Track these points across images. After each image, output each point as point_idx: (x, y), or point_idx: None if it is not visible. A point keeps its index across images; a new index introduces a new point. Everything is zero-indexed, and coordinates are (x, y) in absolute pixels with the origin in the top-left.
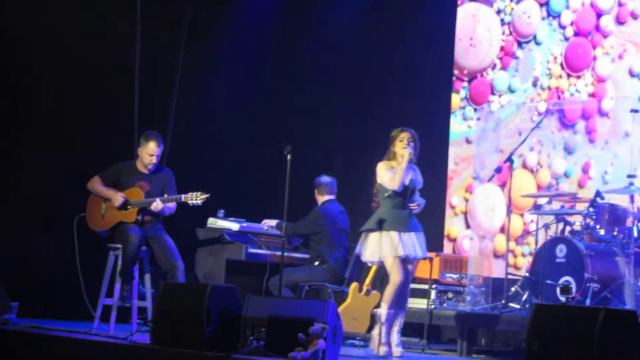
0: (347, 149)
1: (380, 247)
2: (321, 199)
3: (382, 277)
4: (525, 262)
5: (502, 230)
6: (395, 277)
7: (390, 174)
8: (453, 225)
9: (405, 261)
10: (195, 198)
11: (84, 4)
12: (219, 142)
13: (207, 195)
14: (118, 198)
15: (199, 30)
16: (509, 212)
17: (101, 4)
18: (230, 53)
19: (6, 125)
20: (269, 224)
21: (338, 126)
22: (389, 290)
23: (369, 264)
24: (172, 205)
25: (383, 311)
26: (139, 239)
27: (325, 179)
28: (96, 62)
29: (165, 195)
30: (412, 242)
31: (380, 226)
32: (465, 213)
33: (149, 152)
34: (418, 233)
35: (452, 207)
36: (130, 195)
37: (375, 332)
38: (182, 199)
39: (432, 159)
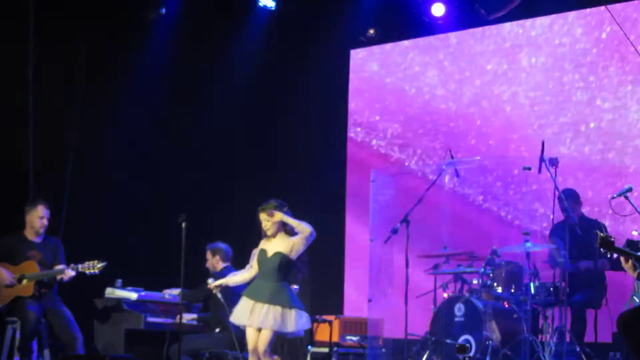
0: (242, 216)
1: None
2: (218, 265)
3: (282, 342)
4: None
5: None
6: None
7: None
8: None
9: None
10: (92, 267)
11: None
12: (114, 211)
13: (104, 264)
14: (6, 278)
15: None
16: (407, 272)
17: None
18: (126, 117)
19: None
20: (170, 292)
21: (235, 193)
22: None
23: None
24: (71, 273)
25: None
26: (36, 314)
27: (222, 245)
28: None
29: (62, 265)
30: None
31: None
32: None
33: (39, 214)
34: None
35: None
36: (24, 269)
37: None
38: (80, 269)
39: (329, 220)
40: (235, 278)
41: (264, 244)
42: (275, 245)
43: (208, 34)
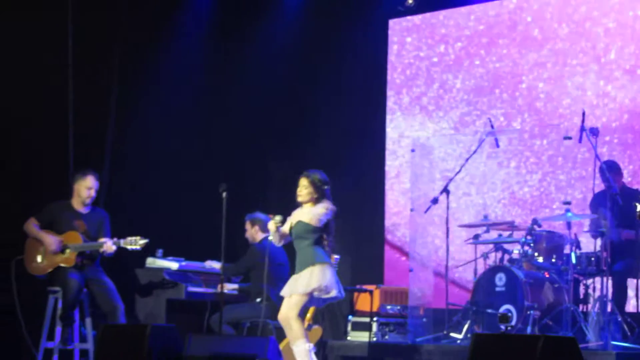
0: (282, 186)
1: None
2: (257, 235)
3: (322, 312)
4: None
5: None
6: None
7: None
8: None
9: None
10: (134, 243)
11: (15, 40)
12: (154, 181)
13: (146, 241)
14: (52, 243)
15: (132, 68)
16: (447, 242)
17: (31, 40)
18: (164, 90)
19: None
20: (212, 265)
21: (272, 163)
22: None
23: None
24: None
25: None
26: (79, 283)
27: (261, 215)
28: (29, 101)
29: (106, 238)
30: None
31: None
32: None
33: (87, 185)
34: None
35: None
36: (67, 239)
37: None
38: (122, 244)
39: (368, 190)
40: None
41: (295, 215)
42: (302, 214)
43: (245, 5)
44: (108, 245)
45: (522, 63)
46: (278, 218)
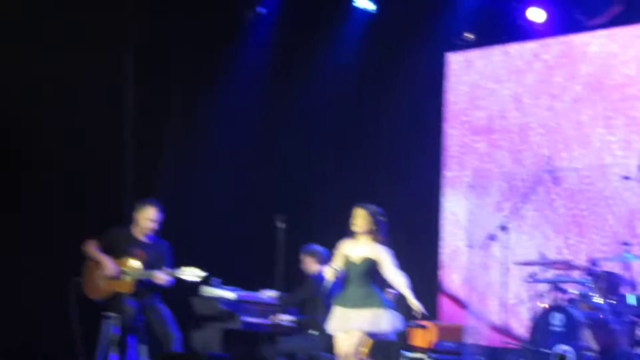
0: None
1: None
2: (313, 267)
3: (377, 347)
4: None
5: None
6: None
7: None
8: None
9: None
10: (192, 275)
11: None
12: (212, 211)
13: (204, 274)
14: (111, 268)
15: (190, 95)
16: (503, 279)
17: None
18: (222, 118)
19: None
20: (268, 295)
21: (329, 195)
22: None
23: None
24: (170, 278)
25: None
26: (135, 310)
27: (317, 247)
28: (87, 126)
29: (164, 269)
30: None
31: None
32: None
33: (148, 217)
34: None
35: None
36: (127, 266)
37: None
38: (178, 275)
39: (425, 224)
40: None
41: (348, 247)
42: (361, 249)
43: (304, 34)
44: (158, 277)
45: (582, 100)
46: (337, 266)
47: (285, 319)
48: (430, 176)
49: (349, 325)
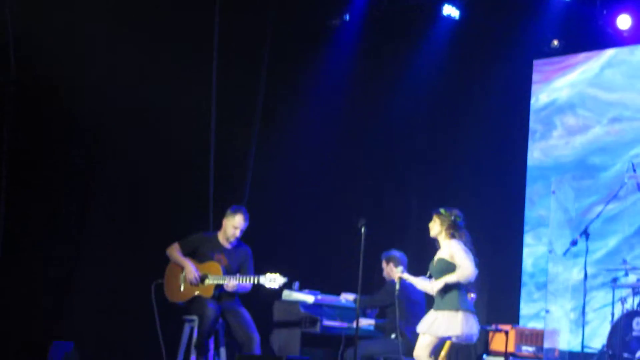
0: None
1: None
2: (393, 272)
3: (457, 351)
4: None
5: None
6: None
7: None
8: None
9: None
10: (273, 281)
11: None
12: (293, 214)
13: (285, 280)
14: (192, 273)
15: (273, 99)
16: (585, 285)
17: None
18: (305, 122)
19: (81, 194)
20: (347, 297)
21: (412, 200)
22: None
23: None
24: (248, 284)
25: None
26: (215, 313)
27: (396, 253)
28: (171, 131)
29: (242, 274)
30: None
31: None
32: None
33: (235, 224)
34: None
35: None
36: (208, 270)
37: None
38: (260, 281)
39: (507, 228)
40: (420, 282)
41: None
42: (440, 252)
43: (390, 41)
44: (230, 284)
45: None
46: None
47: (365, 323)
48: (514, 181)
49: (421, 328)
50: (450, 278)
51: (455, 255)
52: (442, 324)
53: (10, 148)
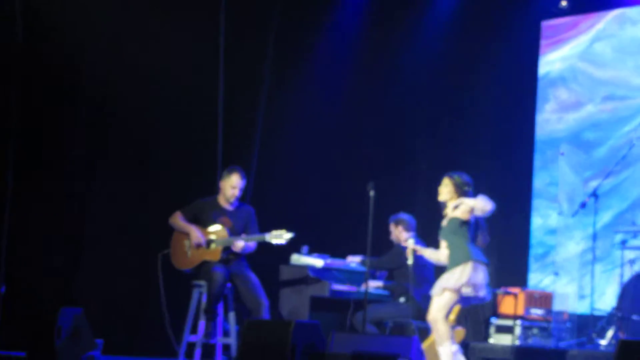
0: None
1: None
2: (402, 235)
3: (465, 314)
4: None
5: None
6: None
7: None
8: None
9: None
10: (279, 237)
11: (166, 36)
12: (301, 178)
13: (292, 235)
14: (197, 237)
15: (282, 64)
16: (594, 247)
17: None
18: (315, 86)
19: (90, 164)
20: (354, 260)
21: (422, 161)
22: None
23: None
24: (252, 244)
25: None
26: (224, 277)
27: (404, 215)
28: (179, 96)
29: (247, 234)
30: None
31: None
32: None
33: (232, 184)
34: None
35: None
36: (214, 233)
37: None
38: (266, 239)
39: (515, 192)
40: (429, 253)
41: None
42: (450, 213)
43: (399, 7)
44: (236, 244)
45: None
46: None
47: (374, 285)
48: (523, 144)
49: (435, 290)
50: (469, 201)
51: (470, 200)
52: (453, 278)
53: (17, 106)
